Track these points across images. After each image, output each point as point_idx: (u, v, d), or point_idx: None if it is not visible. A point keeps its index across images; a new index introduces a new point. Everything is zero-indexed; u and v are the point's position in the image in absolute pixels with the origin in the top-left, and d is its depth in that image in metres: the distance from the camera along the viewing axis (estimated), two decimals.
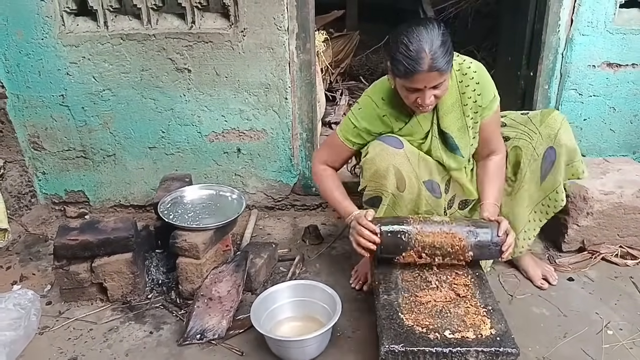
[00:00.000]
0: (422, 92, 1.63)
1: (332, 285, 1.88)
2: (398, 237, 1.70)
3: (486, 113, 1.85)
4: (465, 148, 1.88)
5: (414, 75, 1.58)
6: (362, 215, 1.75)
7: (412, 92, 1.65)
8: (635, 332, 1.82)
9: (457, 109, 1.83)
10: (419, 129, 1.86)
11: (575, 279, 2.12)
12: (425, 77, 1.58)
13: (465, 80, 1.80)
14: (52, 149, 2.65)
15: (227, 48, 2.40)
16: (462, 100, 1.82)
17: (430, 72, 1.57)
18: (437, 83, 1.62)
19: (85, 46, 2.43)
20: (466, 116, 1.83)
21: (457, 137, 1.85)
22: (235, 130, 2.58)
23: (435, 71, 1.57)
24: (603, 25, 2.37)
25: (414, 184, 1.80)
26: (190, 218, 2.11)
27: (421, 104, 1.66)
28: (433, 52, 1.55)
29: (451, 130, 1.84)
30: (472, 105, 1.82)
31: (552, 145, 1.88)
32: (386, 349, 1.45)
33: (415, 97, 1.66)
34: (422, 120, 1.85)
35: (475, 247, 1.70)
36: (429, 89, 1.62)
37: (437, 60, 1.56)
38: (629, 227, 2.20)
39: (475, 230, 1.71)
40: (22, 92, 2.53)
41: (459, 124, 1.84)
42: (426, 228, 1.71)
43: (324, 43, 3.75)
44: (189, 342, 1.82)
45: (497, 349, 1.43)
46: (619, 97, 2.51)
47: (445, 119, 1.83)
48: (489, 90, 1.83)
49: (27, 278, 2.25)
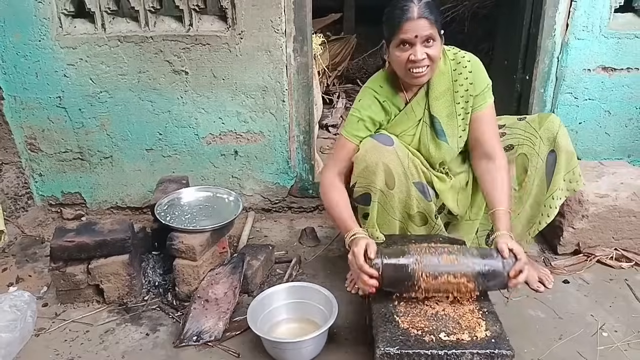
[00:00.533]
0: (414, 47, 1.68)
1: (328, 287, 1.89)
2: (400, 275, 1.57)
3: (478, 103, 1.86)
4: (452, 136, 1.89)
5: (405, 23, 1.66)
6: (361, 251, 1.60)
7: (405, 50, 1.70)
8: (630, 334, 1.83)
9: (448, 96, 1.86)
10: (412, 116, 1.89)
11: (570, 282, 2.13)
12: (414, 25, 1.65)
13: (459, 69, 1.84)
14: (49, 151, 2.65)
15: (224, 50, 2.41)
16: (454, 87, 1.85)
17: (419, 19, 1.65)
18: (427, 35, 1.67)
19: (83, 48, 2.43)
20: (456, 103, 1.86)
21: (445, 122, 1.88)
22: (232, 133, 2.58)
23: (423, 18, 1.65)
24: (598, 30, 2.39)
25: (403, 182, 1.81)
26: (187, 220, 2.11)
27: (414, 59, 1.69)
28: (421, 3, 1.66)
29: (440, 115, 1.87)
30: (463, 93, 1.85)
31: (552, 148, 1.90)
32: (381, 351, 1.45)
33: (408, 55, 1.70)
34: (415, 108, 1.88)
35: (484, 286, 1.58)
36: (420, 44, 1.68)
37: (424, 10, 1.65)
38: (623, 229, 2.21)
39: (485, 270, 1.56)
40: (19, 94, 2.53)
41: (448, 111, 1.87)
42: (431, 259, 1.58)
43: (321, 46, 3.76)
44: (186, 343, 1.82)
45: (492, 351, 1.43)
46: (614, 101, 2.53)
47: (435, 103, 1.87)
48: (481, 80, 1.86)
49: (24, 280, 2.24)
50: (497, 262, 1.57)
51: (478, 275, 1.56)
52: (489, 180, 1.84)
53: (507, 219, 1.72)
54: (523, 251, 1.60)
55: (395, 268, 1.58)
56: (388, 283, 1.58)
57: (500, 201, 1.76)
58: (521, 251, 1.59)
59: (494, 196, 1.80)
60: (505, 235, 1.65)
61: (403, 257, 1.59)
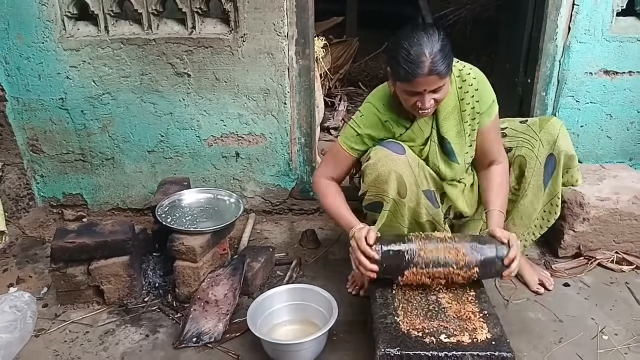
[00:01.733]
0: (422, 95, 1.65)
1: (328, 289, 1.88)
2: (399, 257, 1.64)
3: (484, 119, 1.86)
4: (460, 155, 1.89)
5: (415, 79, 1.60)
6: (362, 236, 1.67)
7: (412, 95, 1.67)
8: (630, 338, 1.82)
9: (456, 115, 1.84)
10: (420, 134, 1.87)
11: (571, 285, 2.13)
12: (425, 81, 1.60)
13: (465, 87, 1.82)
14: (51, 152, 2.66)
15: (226, 53, 2.42)
16: (461, 106, 1.83)
17: (430, 75, 1.59)
18: (437, 87, 1.64)
19: (86, 50, 2.44)
20: (464, 122, 1.85)
21: (455, 142, 1.86)
22: (234, 135, 2.59)
23: (435, 74, 1.59)
24: (600, 33, 2.39)
25: (415, 191, 1.80)
26: (187, 221, 2.12)
27: (421, 107, 1.67)
28: (433, 55, 1.58)
29: (449, 135, 1.85)
30: (470, 111, 1.83)
31: (552, 152, 1.90)
32: (382, 352, 1.45)
33: (415, 101, 1.67)
34: (422, 126, 1.86)
35: (481, 264, 1.64)
36: (428, 92, 1.64)
37: (437, 64, 1.58)
38: (624, 233, 2.21)
39: (481, 257, 1.63)
40: (22, 96, 2.54)
41: (456, 129, 1.85)
42: (428, 244, 1.66)
43: (323, 49, 3.77)
44: (185, 345, 1.82)
45: (493, 353, 1.43)
46: (615, 104, 2.53)
47: (444, 124, 1.84)
48: (487, 97, 1.85)
49: (24, 280, 2.25)
50: (492, 249, 1.65)
51: (475, 261, 1.62)
52: (486, 181, 1.92)
53: (500, 219, 1.81)
54: (516, 238, 1.67)
55: (394, 254, 1.64)
56: (387, 268, 1.64)
57: (494, 202, 1.84)
58: (515, 238, 1.66)
59: (489, 197, 1.88)
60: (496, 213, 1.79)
61: (402, 243, 1.66)
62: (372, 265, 1.64)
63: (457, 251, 1.64)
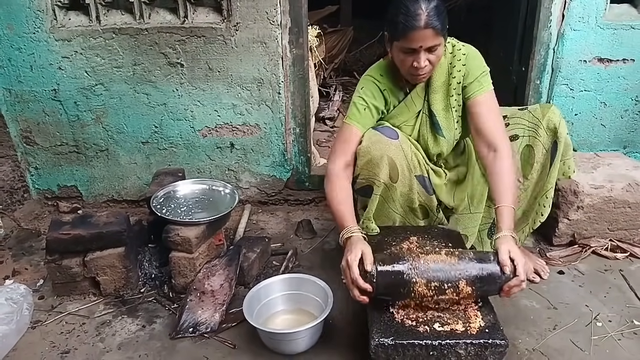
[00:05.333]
0: (418, 54, 1.68)
1: (324, 279, 1.89)
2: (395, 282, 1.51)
3: (473, 89, 1.82)
4: (448, 130, 1.90)
5: (411, 32, 1.63)
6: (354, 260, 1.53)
7: (408, 54, 1.70)
8: (624, 324, 1.84)
9: (444, 89, 1.87)
10: (412, 108, 1.89)
11: (565, 272, 2.14)
12: (421, 35, 1.63)
13: (454, 62, 1.85)
14: (45, 144, 2.65)
15: (219, 42, 2.40)
16: (449, 80, 1.86)
17: (426, 29, 1.62)
18: (432, 45, 1.66)
19: (78, 40, 2.42)
20: (450, 96, 1.87)
21: (441, 116, 1.89)
22: (228, 125, 2.58)
23: (430, 28, 1.62)
24: (594, 21, 2.38)
25: (407, 175, 1.81)
26: (183, 212, 2.11)
27: (417, 66, 1.70)
28: (429, 10, 1.63)
29: (437, 109, 1.88)
30: (455, 85, 1.86)
31: (555, 139, 1.91)
32: (376, 342, 1.46)
33: (412, 61, 1.70)
34: (415, 99, 1.88)
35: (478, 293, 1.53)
36: (424, 50, 1.67)
37: (433, 18, 1.62)
38: (618, 220, 2.22)
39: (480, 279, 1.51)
40: (14, 87, 2.52)
41: (444, 104, 1.88)
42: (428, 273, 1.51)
43: (318, 38, 3.75)
44: (182, 335, 1.83)
45: (486, 341, 1.44)
46: (609, 92, 2.53)
47: (433, 97, 1.87)
48: (475, 67, 1.84)
49: (20, 273, 2.24)
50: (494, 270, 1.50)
51: (473, 282, 1.50)
52: (494, 173, 1.76)
53: (511, 217, 1.64)
54: (523, 261, 1.51)
55: (390, 275, 1.51)
56: (383, 290, 1.52)
57: (505, 197, 1.68)
58: (521, 262, 1.50)
59: (499, 191, 1.71)
60: (508, 238, 1.56)
61: (398, 263, 1.53)
62: (363, 297, 1.53)
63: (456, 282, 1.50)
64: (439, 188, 1.95)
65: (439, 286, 1.50)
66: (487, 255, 1.55)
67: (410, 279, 1.50)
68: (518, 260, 1.50)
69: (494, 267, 1.51)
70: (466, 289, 1.50)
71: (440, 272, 1.51)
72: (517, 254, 1.52)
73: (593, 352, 1.71)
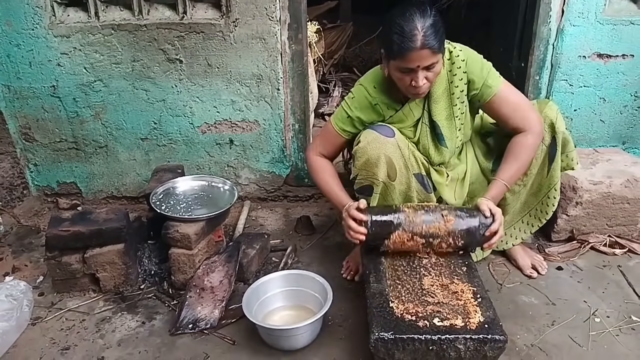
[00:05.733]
0: (416, 73, 1.65)
1: (323, 275, 1.90)
2: (387, 222, 1.71)
3: (487, 94, 1.83)
4: (450, 139, 1.89)
5: (408, 53, 1.60)
6: (352, 206, 1.75)
7: (405, 73, 1.67)
8: (622, 320, 1.85)
9: (445, 98, 1.84)
10: (410, 116, 1.87)
11: (564, 268, 2.15)
12: (418, 56, 1.60)
13: (453, 69, 1.81)
14: (44, 141, 2.65)
15: (218, 38, 2.40)
16: (450, 89, 1.83)
17: (422, 49, 1.59)
18: (430, 63, 1.63)
19: (76, 37, 2.42)
20: (453, 105, 1.85)
21: (444, 126, 1.87)
22: (227, 122, 2.58)
23: (427, 49, 1.59)
24: (594, 16, 2.38)
25: (404, 174, 1.81)
26: (182, 209, 2.12)
27: (415, 85, 1.67)
28: (425, 29, 1.58)
29: (439, 119, 1.86)
30: (459, 94, 1.83)
31: (554, 134, 1.90)
32: (376, 336, 1.46)
33: (409, 80, 1.67)
34: (413, 108, 1.86)
35: (465, 232, 1.71)
36: (422, 69, 1.64)
37: (429, 38, 1.59)
38: (617, 216, 2.22)
39: (464, 214, 1.72)
40: (13, 83, 2.52)
41: (446, 113, 1.86)
42: (416, 212, 1.73)
43: (317, 34, 3.73)
44: (182, 331, 1.83)
45: (485, 336, 1.44)
46: (609, 88, 2.53)
47: (434, 107, 1.85)
48: (477, 73, 1.81)
49: (20, 269, 2.25)
50: (476, 219, 1.72)
51: (460, 228, 1.70)
52: (506, 150, 1.87)
53: (499, 190, 1.82)
54: (501, 214, 1.72)
55: (383, 219, 1.72)
56: (375, 231, 1.71)
57: (502, 172, 1.83)
58: (499, 213, 1.71)
59: (502, 166, 1.86)
60: (488, 200, 1.76)
61: (391, 211, 1.74)
62: (360, 228, 1.71)
63: (442, 216, 1.71)
64: (440, 186, 1.95)
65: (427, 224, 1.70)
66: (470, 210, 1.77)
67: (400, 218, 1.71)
68: (496, 211, 1.72)
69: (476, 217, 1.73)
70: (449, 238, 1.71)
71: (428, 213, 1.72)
72: (495, 208, 1.73)
73: (591, 348, 1.72)
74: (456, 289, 1.64)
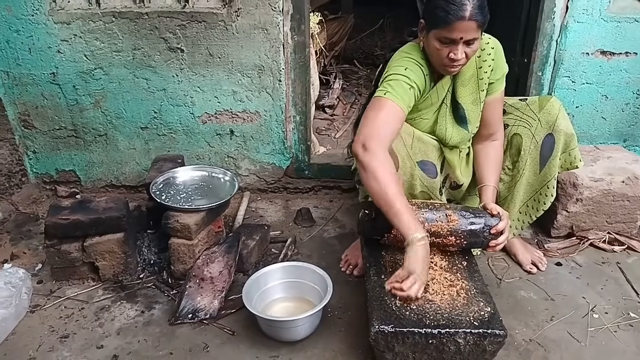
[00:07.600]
0: (457, 45, 1.63)
1: (323, 267, 1.90)
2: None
3: (494, 88, 1.87)
4: (473, 123, 1.90)
5: (455, 23, 1.58)
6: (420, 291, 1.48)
7: (446, 45, 1.64)
8: (620, 316, 1.86)
9: (473, 82, 1.85)
10: (435, 98, 1.85)
11: (563, 264, 2.16)
12: (464, 26, 1.58)
13: (483, 55, 1.82)
14: (43, 128, 2.63)
15: (220, 28, 2.38)
16: (479, 74, 1.84)
17: (470, 20, 1.57)
18: (472, 37, 1.62)
19: (77, 24, 2.39)
20: (480, 90, 1.86)
21: (470, 110, 1.87)
22: (228, 112, 2.56)
23: (474, 20, 1.58)
24: (598, 13, 2.37)
25: (407, 164, 1.80)
26: (182, 199, 2.11)
27: (453, 57, 1.64)
28: (475, 2, 1.57)
29: (465, 102, 1.86)
30: (486, 80, 1.85)
31: (551, 132, 1.90)
32: (376, 329, 1.46)
33: (448, 51, 1.65)
34: (439, 90, 1.84)
35: (469, 231, 1.71)
36: (462, 43, 1.62)
37: (477, 11, 1.58)
38: (617, 213, 2.23)
39: (469, 214, 1.73)
40: (12, 70, 2.49)
41: (473, 97, 1.86)
42: (420, 209, 1.72)
43: (319, 25, 3.72)
44: (181, 321, 1.83)
45: (485, 331, 1.45)
46: (611, 85, 2.52)
47: (461, 90, 1.85)
48: (501, 67, 1.87)
49: (18, 257, 2.24)
50: (482, 218, 1.73)
51: (464, 227, 1.70)
52: (484, 156, 1.96)
53: (494, 195, 1.85)
54: (507, 215, 1.74)
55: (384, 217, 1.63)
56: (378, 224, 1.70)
57: (489, 178, 1.89)
58: (506, 215, 1.73)
59: (485, 172, 1.92)
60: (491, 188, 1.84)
61: None
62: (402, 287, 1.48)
63: (446, 215, 1.71)
64: (455, 164, 1.96)
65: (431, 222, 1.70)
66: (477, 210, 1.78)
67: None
68: (502, 212, 1.73)
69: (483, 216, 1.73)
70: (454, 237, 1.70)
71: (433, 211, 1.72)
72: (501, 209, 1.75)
73: (589, 343, 1.73)
74: (456, 283, 1.64)
